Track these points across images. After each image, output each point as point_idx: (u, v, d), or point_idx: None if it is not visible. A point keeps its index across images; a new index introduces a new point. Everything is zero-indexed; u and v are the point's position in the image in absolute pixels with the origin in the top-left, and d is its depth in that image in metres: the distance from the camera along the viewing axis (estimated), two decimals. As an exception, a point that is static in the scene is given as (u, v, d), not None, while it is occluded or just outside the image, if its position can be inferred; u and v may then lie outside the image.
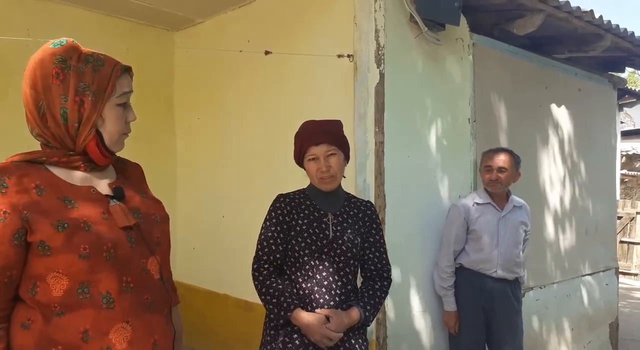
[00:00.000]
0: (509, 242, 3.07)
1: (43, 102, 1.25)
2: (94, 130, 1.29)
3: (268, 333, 1.98)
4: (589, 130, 4.68)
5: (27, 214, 1.18)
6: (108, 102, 1.29)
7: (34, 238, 1.18)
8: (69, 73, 1.25)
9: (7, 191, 1.18)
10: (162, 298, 1.35)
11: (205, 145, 4.19)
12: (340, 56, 3.07)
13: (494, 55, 3.75)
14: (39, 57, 1.27)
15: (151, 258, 1.33)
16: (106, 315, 1.22)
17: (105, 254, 1.22)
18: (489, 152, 3.17)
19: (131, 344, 1.24)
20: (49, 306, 1.19)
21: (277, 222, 2.01)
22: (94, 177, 1.33)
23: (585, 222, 4.62)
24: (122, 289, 1.24)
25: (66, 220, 1.19)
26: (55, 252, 1.18)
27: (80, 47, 1.30)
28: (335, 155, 1.99)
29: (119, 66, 1.32)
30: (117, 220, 1.27)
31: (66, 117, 1.25)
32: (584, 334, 4.50)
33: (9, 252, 1.17)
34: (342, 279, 1.97)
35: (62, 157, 1.28)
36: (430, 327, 3.21)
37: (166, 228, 1.43)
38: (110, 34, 4.15)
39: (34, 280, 1.20)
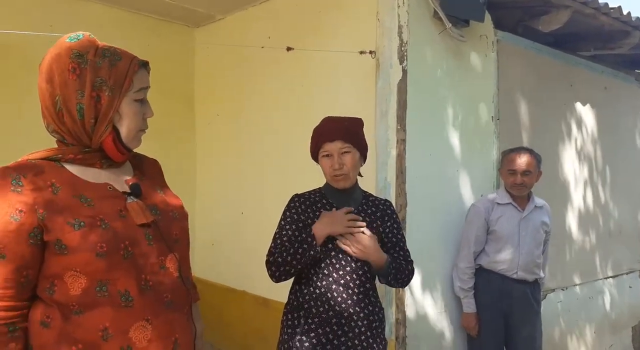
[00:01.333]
0: (530, 243, 3.02)
1: (59, 97, 1.22)
2: (111, 126, 1.26)
3: (285, 331, 1.96)
4: (615, 129, 4.59)
5: (42, 212, 1.16)
6: (125, 97, 1.26)
7: (50, 237, 1.16)
8: (85, 68, 1.22)
9: (22, 190, 1.16)
10: (182, 296, 1.33)
11: (225, 142, 4.19)
12: (362, 53, 3.03)
13: (518, 52, 3.68)
14: (55, 52, 1.25)
15: (170, 255, 1.31)
16: (125, 314, 1.20)
17: (122, 252, 1.20)
18: (510, 153, 3.09)
19: (151, 343, 1.23)
20: (68, 305, 1.18)
21: (292, 220, 1.98)
22: (111, 174, 1.31)
23: (609, 223, 4.53)
24: (140, 287, 1.23)
25: (82, 219, 1.18)
26: (71, 251, 1.16)
27: (97, 41, 1.28)
28: (349, 153, 1.96)
29: (136, 61, 1.29)
30: (134, 218, 1.25)
31: (82, 113, 1.23)
32: (606, 338, 4.42)
33: (25, 252, 1.16)
34: (361, 278, 1.94)
35: (78, 154, 1.26)
36: (450, 328, 3.17)
37: (185, 224, 1.41)
38: (132, 30, 4.17)
39: (51, 279, 1.19)
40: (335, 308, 1.90)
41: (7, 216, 1.14)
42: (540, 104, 3.83)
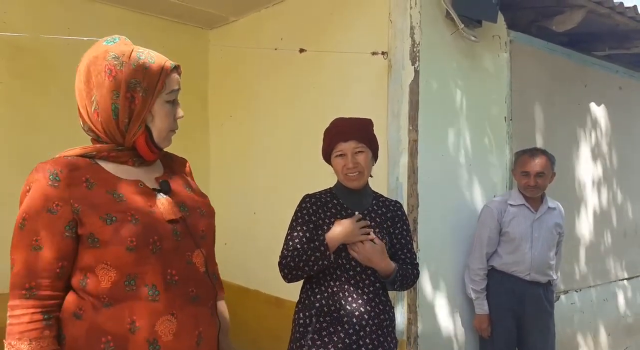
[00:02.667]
0: (542, 245, 3.01)
1: (95, 97, 1.28)
2: (144, 126, 1.32)
3: (297, 330, 1.98)
4: (630, 130, 4.55)
5: (77, 206, 1.22)
6: (158, 98, 1.32)
7: (83, 230, 1.22)
8: (121, 70, 1.27)
9: (59, 185, 1.22)
10: (207, 291, 1.37)
11: (238, 142, 4.22)
12: (374, 53, 3.04)
13: (532, 52, 3.66)
14: (92, 54, 1.30)
15: (196, 251, 1.35)
16: (152, 308, 1.25)
17: (151, 247, 1.25)
18: (523, 154, 3.07)
19: (176, 336, 1.27)
20: (99, 297, 1.23)
21: (304, 221, 2.00)
22: (142, 171, 1.36)
23: (625, 224, 4.49)
24: (167, 281, 1.27)
25: (114, 214, 1.23)
26: (103, 244, 1.21)
27: (132, 45, 1.33)
28: (363, 152, 1.98)
29: (168, 64, 1.34)
30: (163, 214, 1.30)
31: (117, 113, 1.28)
32: (621, 340, 4.38)
33: (61, 244, 1.21)
34: (370, 277, 1.96)
35: (112, 151, 1.31)
36: (461, 328, 3.17)
37: (211, 221, 1.46)
38: (147, 32, 4.22)
39: (84, 271, 1.24)
40: (346, 307, 1.92)
41: (44, 210, 1.20)
42: (553, 105, 3.81)
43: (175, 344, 1.27)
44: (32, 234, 1.21)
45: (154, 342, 1.24)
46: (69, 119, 3.98)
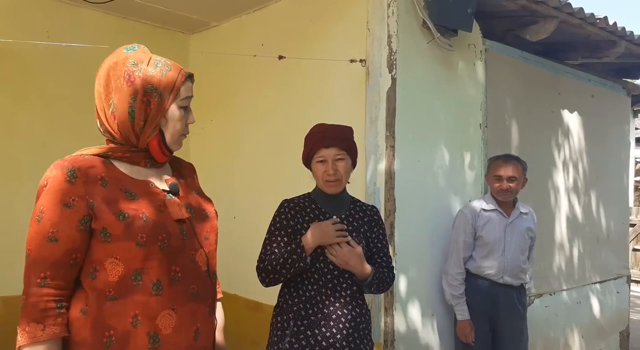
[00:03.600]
0: (515, 249, 3.08)
1: (113, 100, 1.36)
2: (158, 129, 1.39)
3: (275, 333, 2.01)
4: (602, 137, 4.67)
5: (92, 202, 1.29)
6: (172, 104, 1.40)
7: (97, 225, 1.29)
8: (139, 75, 1.35)
9: (76, 181, 1.29)
10: (207, 289, 1.45)
11: (218, 147, 4.24)
12: (352, 61, 3.10)
13: (507, 61, 3.75)
14: (113, 60, 1.38)
15: (200, 251, 1.43)
16: (155, 302, 1.32)
17: (159, 244, 1.33)
18: (496, 159, 3.15)
19: (175, 330, 1.34)
20: (104, 291, 1.30)
21: (282, 226, 2.04)
22: (153, 172, 1.44)
23: (597, 229, 4.60)
24: (171, 278, 1.35)
25: (127, 211, 1.31)
26: (115, 239, 1.29)
27: (150, 53, 1.40)
28: (343, 160, 2.03)
29: (183, 72, 1.42)
30: (172, 213, 1.38)
31: (133, 116, 1.35)
32: (594, 342, 4.48)
33: (75, 237, 1.28)
34: (347, 281, 2.00)
35: (126, 152, 1.39)
36: (438, 332, 3.22)
37: (214, 224, 1.54)
38: (127, 36, 4.21)
39: (94, 264, 1.31)
40: (323, 310, 1.95)
41: (61, 204, 1.28)
42: (528, 112, 3.91)
43: (174, 338, 1.34)
44: (49, 226, 1.27)
45: (155, 335, 1.31)
46: (48, 124, 4.00)
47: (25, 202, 3.86)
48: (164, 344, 1.32)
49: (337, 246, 1.96)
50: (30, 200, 4.33)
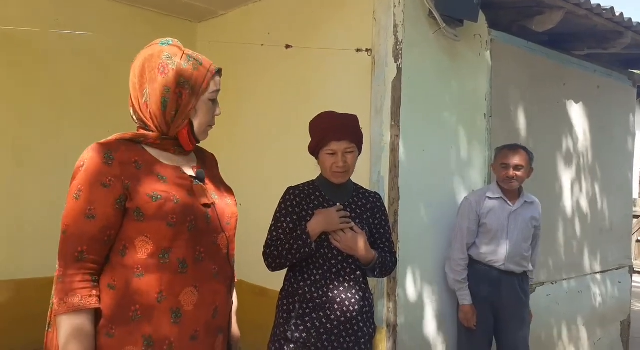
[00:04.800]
0: (518, 237, 3.12)
1: (147, 90, 1.44)
2: (188, 119, 1.48)
3: (281, 316, 2.07)
4: (607, 128, 4.68)
5: (127, 183, 1.38)
6: (202, 96, 1.48)
7: (131, 205, 1.38)
8: (172, 69, 1.43)
9: (112, 163, 1.38)
10: (227, 270, 1.53)
11: (224, 136, 4.27)
12: (358, 50, 3.13)
13: (512, 51, 3.77)
14: (148, 53, 1.47)
15: (221, 234, 1.52)
16: (179, 280, 1.40)
17: (188, 225, 1.41)
18: (503, 148, 3.19)
19: (197, 307, 1.43)
20: (133, 267, 1.38)
21: (287, 213, 2.09)
22: (181, 159, 1.53)
23: (600, 219, 4.63)
24: (195, 257, 1.43)
25: (159, 192, 1.40)
26: (147, 219, 1.38)
27: (183, 48, 1.50)
28: (352, 153, 2.07)
29: (213, 67, 1.51)
30: (199, 198, 1.47)
31: (166, 106, 1.43)
32: (595, 331, 4.53)
33: (111, 215, 1.36)
34: (351, 266, 2.05)
35: (157, 139, 1.47)
36: (440, 318, 3.27)
37: (235, 211, 1.61)
38: (135, 24, 4.26)
39: (124, 242, 1.39)
40: (328, 294, 2.01)
41: (99, 184, 1.36)
42: (533, 103, 3.93)
43: (195, 314, 1.42)
44: (87, 203, 1.35)
45: (177, 311, 1.39)
46: (58, 109, 4.05)
47: (36, 187, 3.96)
48: (185, 319, 1.40)
49: (341, 232, 2.01)
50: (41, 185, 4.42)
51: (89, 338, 1.33)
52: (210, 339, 1.48)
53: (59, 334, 1.33)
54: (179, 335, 1.39)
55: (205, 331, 1.45)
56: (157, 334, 1.37)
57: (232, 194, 1.66)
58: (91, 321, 1.35)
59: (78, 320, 1.32)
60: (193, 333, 1.42)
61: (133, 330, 1.36)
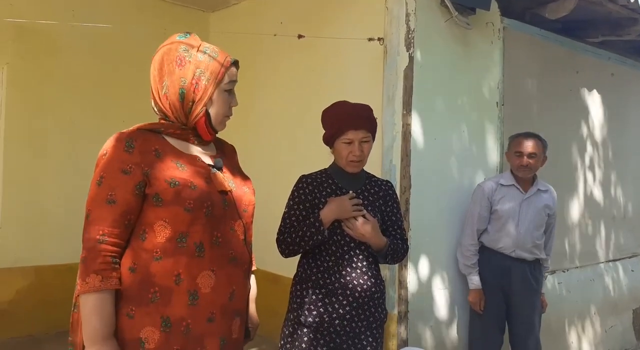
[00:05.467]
0: (529, 224, 3.13)
1: (166, 82, 1.50)
2: (205, 109, 1.53)
3: (295, 301, 2.11)
4: (622, 115, 4.65)
5: (147, 170, 1.44)
6: (218, 87, 1.53)
7: (150, 191, 1.44)
8: (189, 60, 1.50)
9: (133, 151, 1.44)
10: (244, 255, 1.59)
11: (237, 125, 4.27)
12: (370, 40, 3.14)
13: (525, 39, 3.75)
14: (167, 46, 1.53)
15: (238, 221, 1.58)
16: (196, 263, 1.46)
17: (205, 210, 1.47)
18: (517, 137, 3.20)
19: (214, 290, 1.48)
20: (152, 251, 1.44)
21: (300, 201, 2.13)
22: (200, 149, 1.58)
23: (614, 208, 4.62)
24: (212, 241, 1.49)
25: (177, 179, 1.45)
26: (165, 204, 1.43)
27: (200, 40, 1.55)
28: (368, 142, 2.10)
29: (229, 59, 1.56)
30: (216, 185, 1.52)
31: (183, 97, 1.50)
32: (606, 319, 4.54)
33: (131, 200, 1.42)
34: (364, 252, 2.09)
35: (177, 129, 1.53)
36: (451, 304, 3.31)
37: (252, 199, 1.68)
38: (149, 15, 4.30)
39: (144, 226, 1.45)
40: (340, 280, 2.05)
41: (119, 171, 1.42)
42: (545, 90, 3.92)
43: (212, 296, 1.48)
44: (108, 189, 1.41)
45: (194, 293, 1.45)
46: (73, 100, 4.12)
47: (54, 176, 4.05)
48: (202, 301, 1.46)
49: (354, 219, 2.05)
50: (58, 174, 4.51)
51: (110, 316, 1.40)
52: (227, 322, 1.53)
53: (82, 312, 1.39)
54: (195, 316, 1.45)
55: (222, 314, 1.51)
56: (175, 315, 1.43)
57: (250, 183, 1.71)
58: (112, 301, 1.40)
59: (99, 300, 1.38)
60: (210, 315, 1.48)
61: (152, 312, 1.42)
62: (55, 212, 4.04)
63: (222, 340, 1.52)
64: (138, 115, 1.86)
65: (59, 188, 4.06)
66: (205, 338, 1.48)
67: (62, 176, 4.07)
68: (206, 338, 1.48)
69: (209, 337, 1.48)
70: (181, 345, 1.44)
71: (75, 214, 1.63)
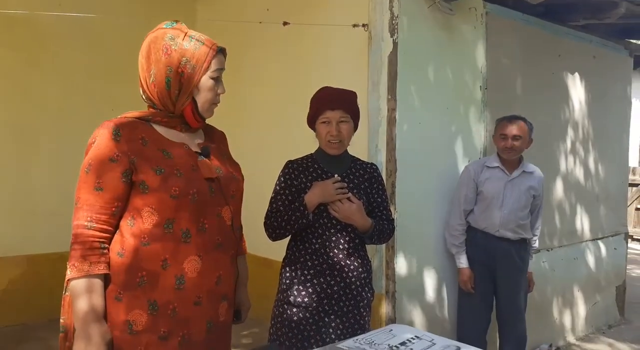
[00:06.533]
0: (513, 205, 3.21)
1: (153, 71, 1.53)
2: (191, 97, 1.56)
3: (284, 282, 2.18)
4: (603, 97, 4.73)
5: (134, 158, 1.47)
6: (204, 75, 1.56)
7: (137, 178, 1.48)
8: (175, 49, 1.52)
9: (120, 139, 1.47)
10: (231, 241, 1.64)
11: (224, 113, 4.29)
12: (355, 26, 3.18)
13: (507, 24, 3.80)
14: (153, 35, 1.55)
15: (225, 207, 1.61)
16: (183, 248, 1.51)
17: (190, 197, 1.51)
18: (503, 120, 3.27)
19: (200, 274, 1.53)
20: (140, 236, 1.48)
21: (286, 186, 2.19)
22: (187, 136, 1.62)
23: (596, 188, 4.71)
24: (198, 228, 1.53)
25: (163, 167, 1.49)
26: (151, 191, 1.48)
27: (187, 29, 1.57)
28: (347, 123, 2.15)
29: (215, 47, 1.58)
30: (202, 172, 1.55)
31: (169, 85, 1.53)
32: (590, 296, 4.66)
33: (118, 187, 1.47)
34: (350, 235, 2.16)
35: (164, 117, 1.57)
36: (439, 284, 3.40)
37: (240, 185, 1.72)
38: (136, 3, 4.30)
39: (132, 213, 1.50)
40: (328, 261, 2.12)
41: (107, 158, 1.46)
42: (528, 74, 3.98)
43: (198, 281, 1.53)
44: (96, 177, 1.45)
45: (181, 277, 1.50)
46: (60, 91, 4.13)
47: (45, 167, 4.07)
48: (188, 285, 1.51)
49: (339, 202, 2.11)
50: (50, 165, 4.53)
51: (99, 299, 1.45)
52: (214, 305, 1.59)
53: (72, 296, 1.45)
54: (182, 300, 1.51)
55: (209, 297, 1.56)
56: (162, 298, 1.49)
57: (239, 169, 1.75)
58: (100, 285, 1.46)
59: (89, 284, 1.43)
60: (196, 299, 1.53)
61: (140, 295, 1.48)
62: (47, 201, 4.07)
63: (209, 323, 1.58)
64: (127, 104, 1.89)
65: (50, 176, 4.08)
66: (192, 321, 1.53)
67: (53, 165, 4.09)
68: (192, 321, 1.54)
69: (195, 320, 1.54)
70: (168, 327, 1.50)
71: (67, 202, 1.67)
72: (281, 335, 2.13)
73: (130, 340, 1.48)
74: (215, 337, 1.62)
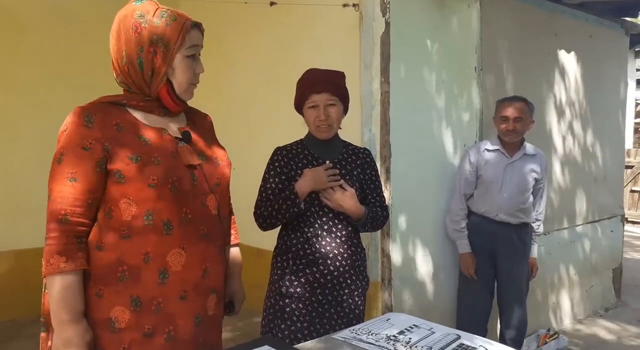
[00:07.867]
0: (513, 188, 3.13)
1: (125, 52, 1.42)
2: (165, 78, 1.45)
3: (276, 272, 2.10)
4: (600, 77, 4.65)
5: (107, 145, 1.37)
6: (178, 53, 1.44)
7: (112, 167, 1.38)
8: (145, 27, 1.40)
9: (92, 126, 1.38)
10: (217, 231, 1.54)
11: (210, 97, 4.22)
12: (345, 6, 3.08)
13: (502, 2, 3.70)
14: (122, 14, 1.44)
15: (210, 195, 1.51)
16: (165, 241, 1.42)
17: (170, 186, 1.41)
18: (503, 101, 3.18)
19: (185, 268, 1.45)
20: (119, 229, 1.39)
21: (275, 173, 2.09)
22: (167, 121, 1.51)
23: (593, 169, 4.66)
24: (181, 218, 1.44)
25: (140, 154, 1.39)
26: (128, 180, 1.38)
27: (158, 4, 1.46)
28: (335, 105, 2.06)
29: (189, 22, 1.46)
30: (183, 159, 1.45)
31: (142, 66, 1.42)
32: (587, 278, 4.62)
33: (93, 178, 1.37)
34: (343, 222, 2.07)
35: (140, 101, 1.46)
36: (435, 270, 3.34)
37: (226, 172, 1.61)
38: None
39: (110, 204, 1.40)
40: (320, 250, 2.04)
41: (79, 147, 1.36)
42: (524, 54, 3.89)
43: (183, 274, 1.44)
44: (68, 167, 1.36)
45: (165, 271, 1.42)
46: (45, 78, 4.00)
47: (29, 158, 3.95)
48: (172, 279, 1.43)
49: (331, 190, 2.02)
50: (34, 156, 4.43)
51: (77, 297, 1.36)
52: (202, 299, 1.50)
53: (50, 296, 1.36)
54: (166, 295, 1.42)
55: (195, 291, 1.47)
56: (145, 294, 1.40)
57: (225, 154, 1.64)
58: (79, 282, 1.37)
59: (65, 281, 1.34)
60: (182, 293, 1.45)
61: (121, 290, 1.40)
62: (32, 194, 3.94)
63: (197, 318, 1.49)
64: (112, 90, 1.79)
65: (34, 169, 3.95)
66: (178, 316, 1.45)
67: (37, 157, 3.95)
68: (179, 316, 1.45)
69: (182, 316, 1.45)
70: (152, 324, 1.42)
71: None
72: (274, 327, 2.06)
73: (113, 338, 1.40)
74: (205, 332, 1.53)
